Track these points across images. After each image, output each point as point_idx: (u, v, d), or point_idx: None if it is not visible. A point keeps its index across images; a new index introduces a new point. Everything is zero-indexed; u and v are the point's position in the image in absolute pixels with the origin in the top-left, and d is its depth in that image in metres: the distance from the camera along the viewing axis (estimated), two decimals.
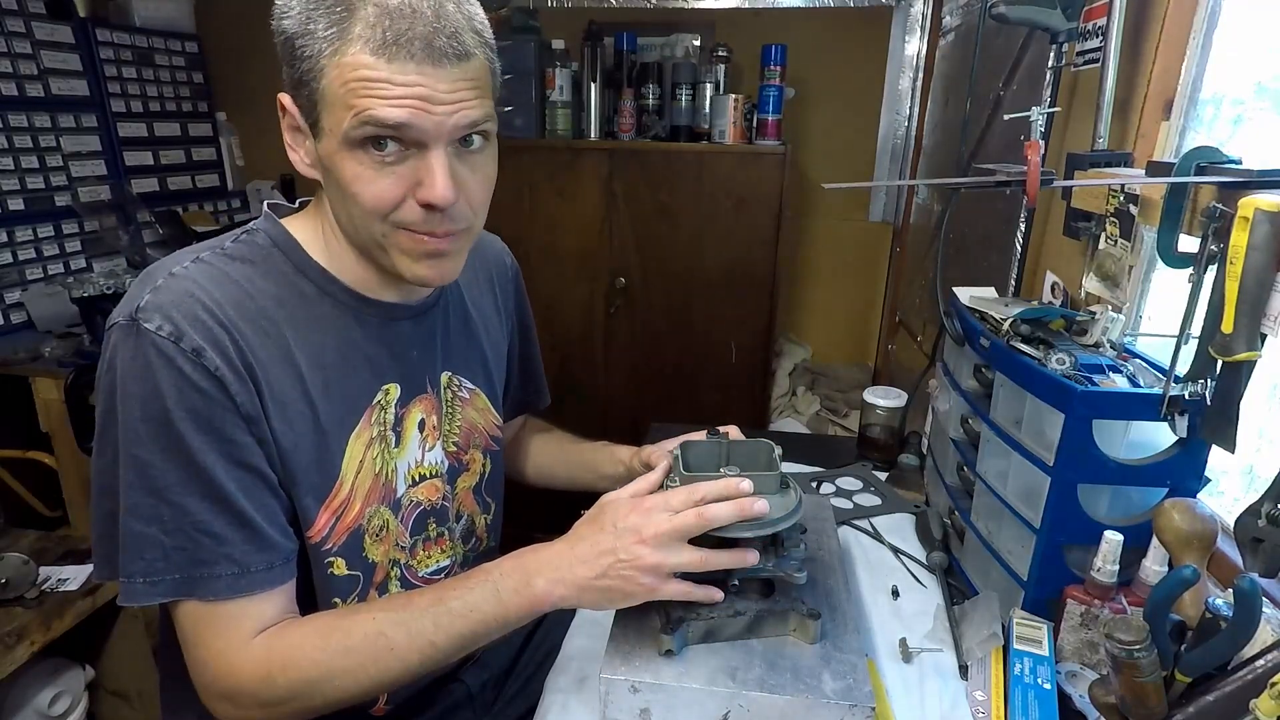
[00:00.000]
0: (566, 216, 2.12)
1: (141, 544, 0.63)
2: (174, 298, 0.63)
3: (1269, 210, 0.60)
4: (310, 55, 0.62)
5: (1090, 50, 1.06)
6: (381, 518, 0.77)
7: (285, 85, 0.66)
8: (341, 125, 0.62)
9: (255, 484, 0.66)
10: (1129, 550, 0.74)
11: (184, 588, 0.64)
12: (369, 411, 0.75)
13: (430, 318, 0.82)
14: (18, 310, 2.07)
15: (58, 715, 1.42)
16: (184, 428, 0.62)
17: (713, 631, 0.73)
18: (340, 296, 0.73)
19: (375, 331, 0.75)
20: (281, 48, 0.64)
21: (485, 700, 0.91)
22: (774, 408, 2.37)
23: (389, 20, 0.60)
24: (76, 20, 2.18)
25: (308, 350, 0.70)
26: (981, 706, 0.75)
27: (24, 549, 1.41)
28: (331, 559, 0.73)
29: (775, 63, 1.96)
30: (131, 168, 2.37)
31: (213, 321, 0.63)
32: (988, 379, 0.91)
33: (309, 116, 0.65)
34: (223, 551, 0.64)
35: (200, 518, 0.63)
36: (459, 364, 0.86)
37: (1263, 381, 0.86)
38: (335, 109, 0.62)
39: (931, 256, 1.88)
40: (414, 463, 0.80)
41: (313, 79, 0.62)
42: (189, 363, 0.61)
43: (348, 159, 0.63)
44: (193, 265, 0.66)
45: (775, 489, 0.79)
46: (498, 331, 0.94)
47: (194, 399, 0.62)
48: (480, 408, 0.90)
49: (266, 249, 0.71)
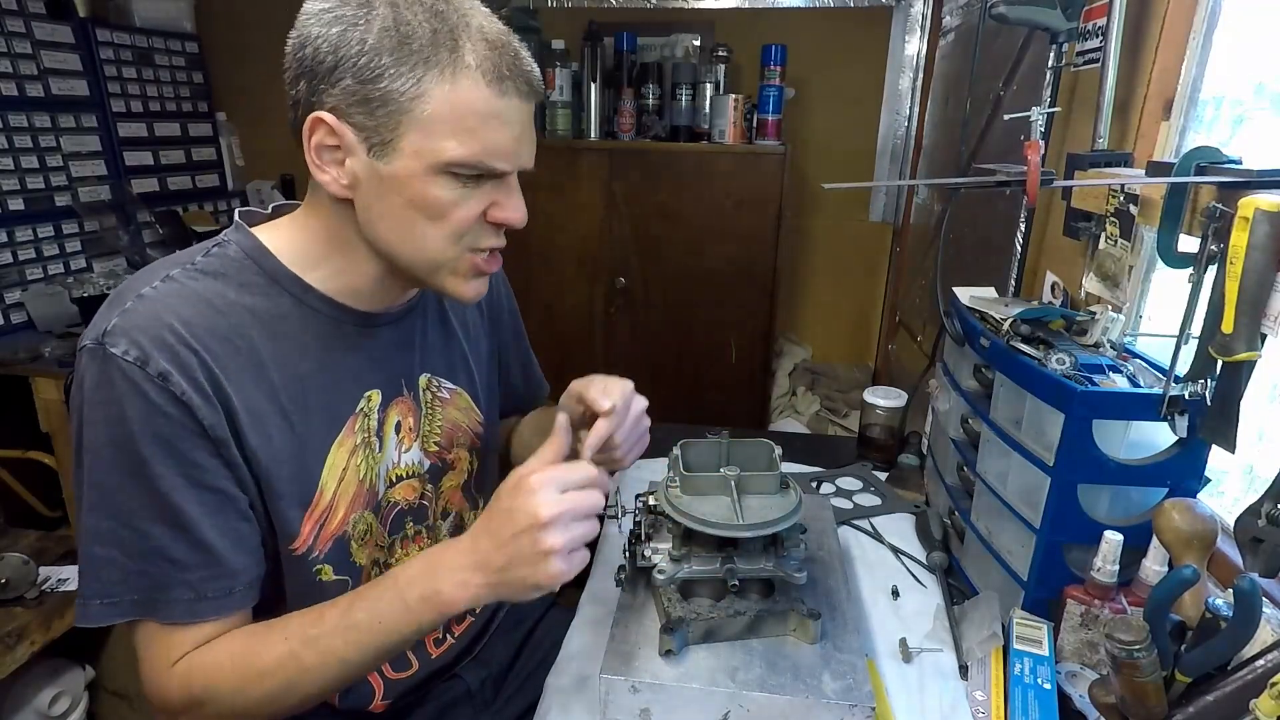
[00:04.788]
0: (566, 216, 2.12)
1: (100, 566, 0.63)
2: (141, 321, 0.62)
3: (1269, 210, 0.60)
4: (400, 74, 0.60)
5: (1090, 50, 1.06)
6: (365, 522, 0.77)
7: (322, 103, 0.63)
8: (442, 152, 0.63)
9: (221, 507, 0.65)
10: (1129, 550, 0.74)
11: (141, 608, 0.64)
12: (352, 420, 0.74)
13: (408, 321, 0.81)
14: (18, 310, 2.07)
15: (58, 715, 1.42)
16: (148, 453, 0.61)
17: (713, 631, 0.73)
18: (317, 306, 0.71)
19: (354, 340, 0.74)
20: (331, 64, 0.61)
21: (484, 698, 0.91)
22: (774, 408, 2.37)
23: (497, 54, 0.63)
24: (76, 20, 2.18)
25: (283, 362, 0.69)
26: (981, 706, 0.75)
27: (24, 549, 1.41)
28: (319, 566, 0.73)
29: (775, 63, 1.96)
30: (131, 168, 2.37)
31: (179, 344, 0.62)
32: (988, 379, 0.91)
33: (375, 136, 0.63)
34: (181, 577, 0.64)
35: (161, 543, 0.63)
36: (437, 365, 0.86)
37: (1263, 381, 0.86)
38: (435, 134, 0.62)
39: (931, 256, 1.88)
40: (391, 464, 0.80)
41: (402, 101, 0.61)
42: (154, 388, 0.61)
43: (432, 184, 0.64)
44: (162, 285, 0.65)
45: (775, 489, 0.79)
46: (478, 329, 0.94)
47: (160, 424, 0.61)
48: (462, 407, 0.89)
49: (239, 261, 0.69)
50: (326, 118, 0.63)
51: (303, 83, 0.63)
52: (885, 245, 2.51)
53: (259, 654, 0.65)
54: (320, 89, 0.62)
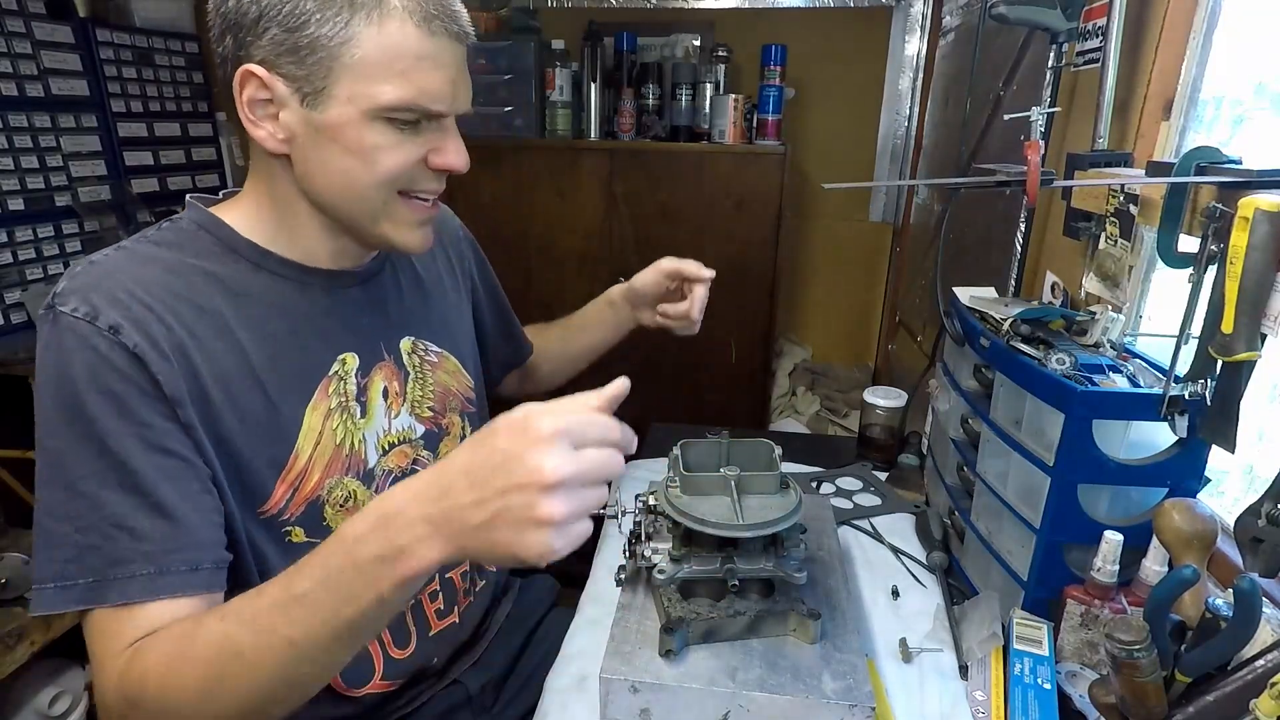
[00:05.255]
0: (566, 216, 2.12)
1: (53, 544, 0.58)
2: (92, 280, 0.61)
3: (1269, 210, 0.60)
4: (327, 20, 0.60)
5: (1090, 50, 1.06)
6: (346, 488, 0.75)
7: (250, 55, 0.62)
8: (376, 96, 0.62)
9: (181, 473, 0.60)
10: (1129, 550, 0.74)
11: (94, 593, 0.57)
12: (325, 382, 0.73)
13: (378, 283, 0.81)
14: (18, 310, 2.07)
15: (58, 715, 1.43)
16: (96, 410, 0.57)
17: (713, 631, 0.73)
18: (276, 269, 0.71)
19: (321, 302, 0.74)
20: (254, 15, 0.61)
21: (484, 702, 0.91)
22: (774, 408, 2.37)
23: None
24: (76, 20, 2.17)
25: (248, 324, 0.67)
26: (981, 706, 0.75)
27: (24, 549, 1.41)
28: (290, 528, 0.71)
29: (775, 63, 1.96)
30: (131, 168, 2.36)
31: (133, 301, 0.60)
32: (988, 379, 0.91)
33: (306, 85, 0.62)
34: (140, 549, 0.57)
35: (115, 510, 0.57)
36: (420, 328, 0.85)
37: (1263, 381, 0.86)
38: (367, 79, 0.62)
39: (931, 256, 1.88)
40: (382, 431, 0.79)
41: (331, 47, 0.61)
42: (104, 340, 0.58)
43: (367, 129, 0.63)
44: (115, 252, 0.65)
45: (775, 489, 0.79)
46: (455, 292, 0.94)
47: (109, 378, 0.58)
48: (451, 370, 0.89)
49: (192, 232, 0.69)
50: (256, 70, 0.62)
51: (229, 37, 0.63)
52: (885, 245, 2.51)
53: (192, 638, 0.55)
54: (247, 41, 0.62)
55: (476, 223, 2.24)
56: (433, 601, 0.86)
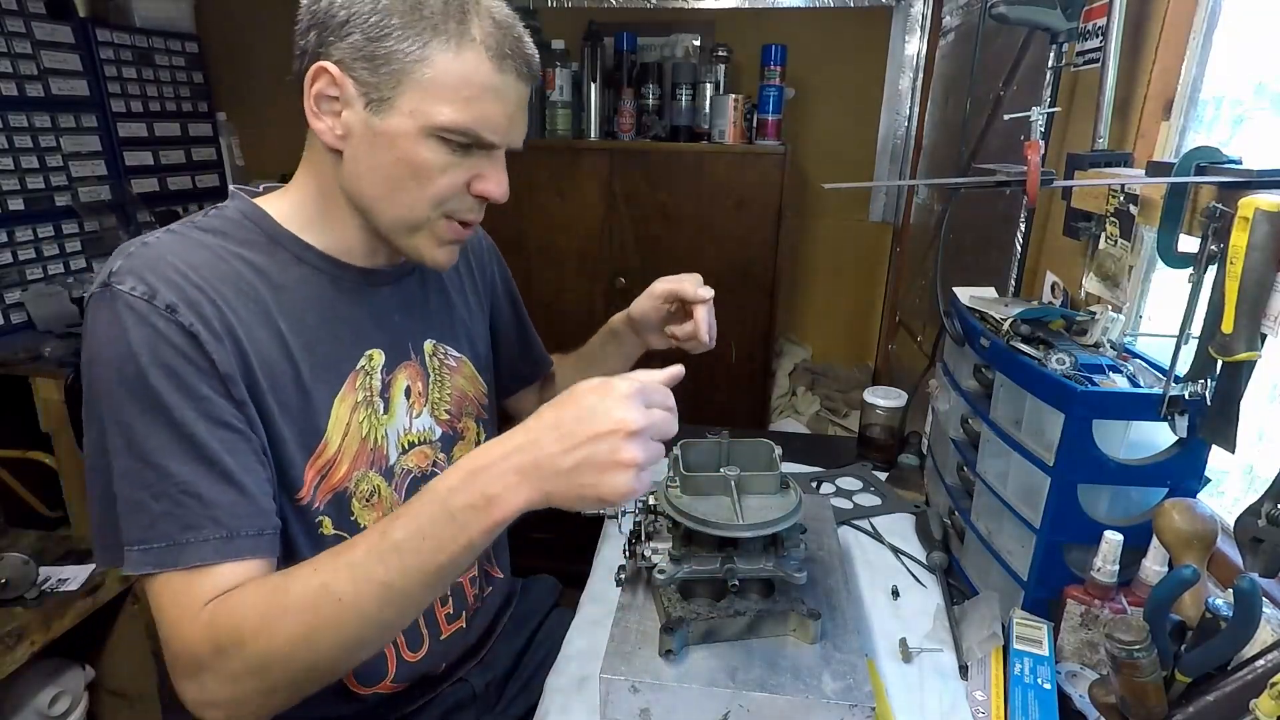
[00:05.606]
0: (566, 216, 2.12)
1: (135, 510, 0.61)
2: (148, 262, 0.63)
3: (1269, 210, 0.60)
4: (409, 36, 0.64)
5: (1090, 50, 1.06)
6: (371, 483, 0.77)
7: (329, 54, 0.65)
8: (436, 115, 0.65)
9: (238, 444, 0.64)
10: (1129, 550, 0.74)
11: (169, 556, 0.60)
12: (353, 376, 0.75)
13: (408, 284, 0.83)
14: (18, 310, 2.07)
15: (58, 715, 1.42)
16: (160, 385, 0.60)
17: (713, 631, 0.73)
18: (316, 262, 0.74)
19: (354, 296, 0.76)
20: (343, 19, 0.64)
21: (489, 700, 0.91)
22: (774, 408, 2.37)
23: (501, 33, 0.67)
24: (76, 20, 2.17)
25: (287, 312, 0.70)
26: (981, 706, 0.75)
27: (24, 549, 1.41)
28: (320, 518, 0.73)
29: (775, 63, 1.96)
30: (131, 168, 2.36)
31: (187, 283, 0.63)
32: (988, 379, 0.91)
33: (374, 92, 0.65)
34: (209, 514, 0.61)
35: (184, 479, 0.61)
36: (442, 332, 0.87)
37: (1263, 381, 0.86)
38: (432, 98, 0.65)
39: (931, 256, 1.88)
40: (403, 430, 0.81)
41: (406, 62, 0.64)
42: (162, 319, 0.61)
43: (423, 145, 0.67)
44: (165, 235, 0.67)
45: (775, 489, 0.79)
46: (475, 300, 0.96)
47: (168, 355, 0.61)
48: (468, 375, 0.91)
49: (237, 220, 0.72)
50: (330, 68, 0.65)
51: (313, 33, 0.66)
52: (885, 245, 2.51)
53: (287, 589, 0.59)
54: (329, 41, 0.65)
55: None
56: (443, 606, 0.86)
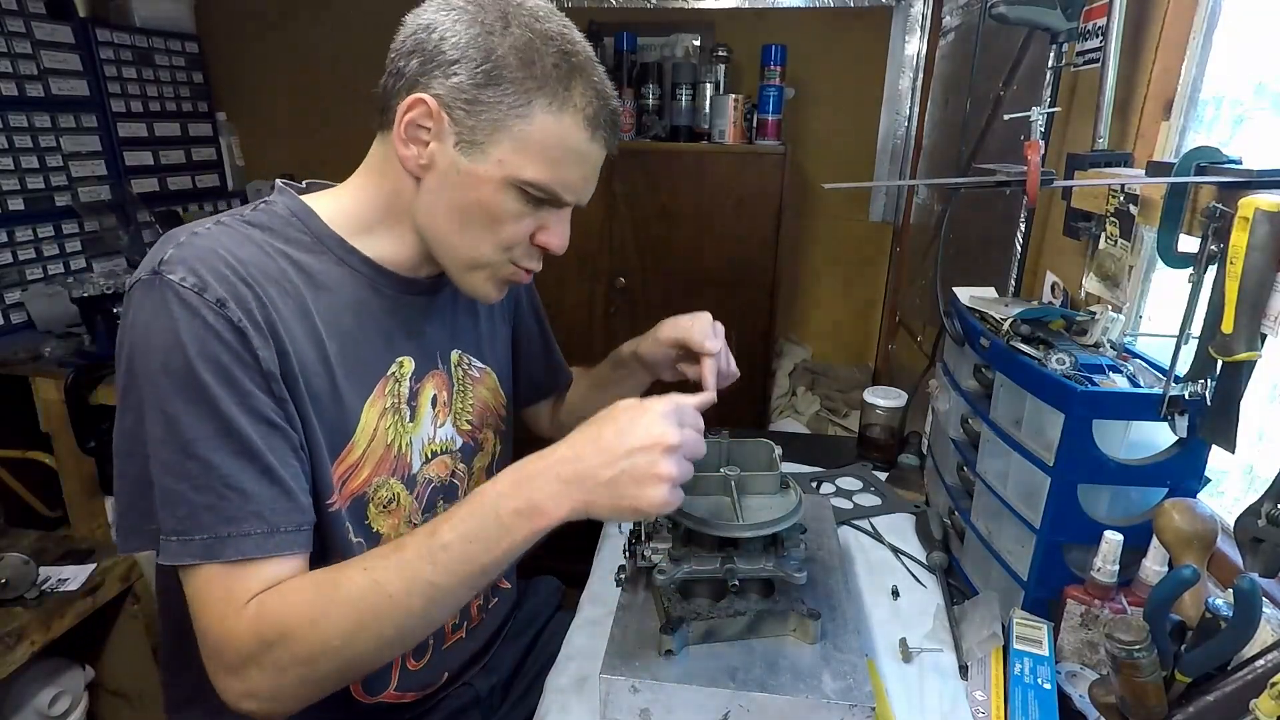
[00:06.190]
0: None
1: (174, 501, 0.61)
2: (198, 253, 0.63)
3: (1269, 210, 0.60)
4: (515, 91, 0.65)
5: (1090, 50, 1.06)
6: (391, 490, 0.77)
7: (429, 86, 0.66)
8: (523, 169, 0.67)
9: (279, 442, 0.64)
10: (1129, 550, 0.74)
11: (211, 549, 0.61)
12: (383, 382, 0.76)
13: (442, 295, 0.84)
14: (18, 310, 2.07)
15: (58, 715, 1.42)
16: (208, 378, 0.60)
17: (713, 631, 0.73)
18: (357, 266, 0.74)
19: (390, 303, 0.77)
20: (452, 57, 0.65)
21: (492, 703, 0.92)
22: (774, 408, 2.37)
23: (601, 101, 0.69)
24: (76, 20, 2.18)
25: (325, 313, 0.70)
26: (981, 706, 0.75)
27: (24, 549, 1.41)
28: (346, 524, 0.73)
29: (775, 63, 1.96)
30: (131, 168, 2.37)
31: (236, 278, 0.63)
32: (988, 379, 0.91)
33: (469, 134, 0.66)
34: (250, 509, 0.62)
35: (226, 472, 0.61)
36: (468, 343, 0.88)
37: (1263, 381, 0.86)
38: (523, 153, 0.67)
39: (931, 256, 1.88)
40: (427, 439, 0.81)
41: (506, 112, 0.65)
42: (212, 313, 0.61)
43: (503, 194, 0.69)
44: (214, 227, 0.68)
45: (775, 489, 0.79)
46: (500, 313, 0.96)
47: (216, 349, 0.61)
48: (491, 387, 0.92)
49: (285, 217, 0.72)
50: (429, 101, 0.66)
51: (415, 60, 0.67)
52: (885, 245, 2.51)
53: (337, 585, 0.61)
54: (433, 74, 0.66)
55: None
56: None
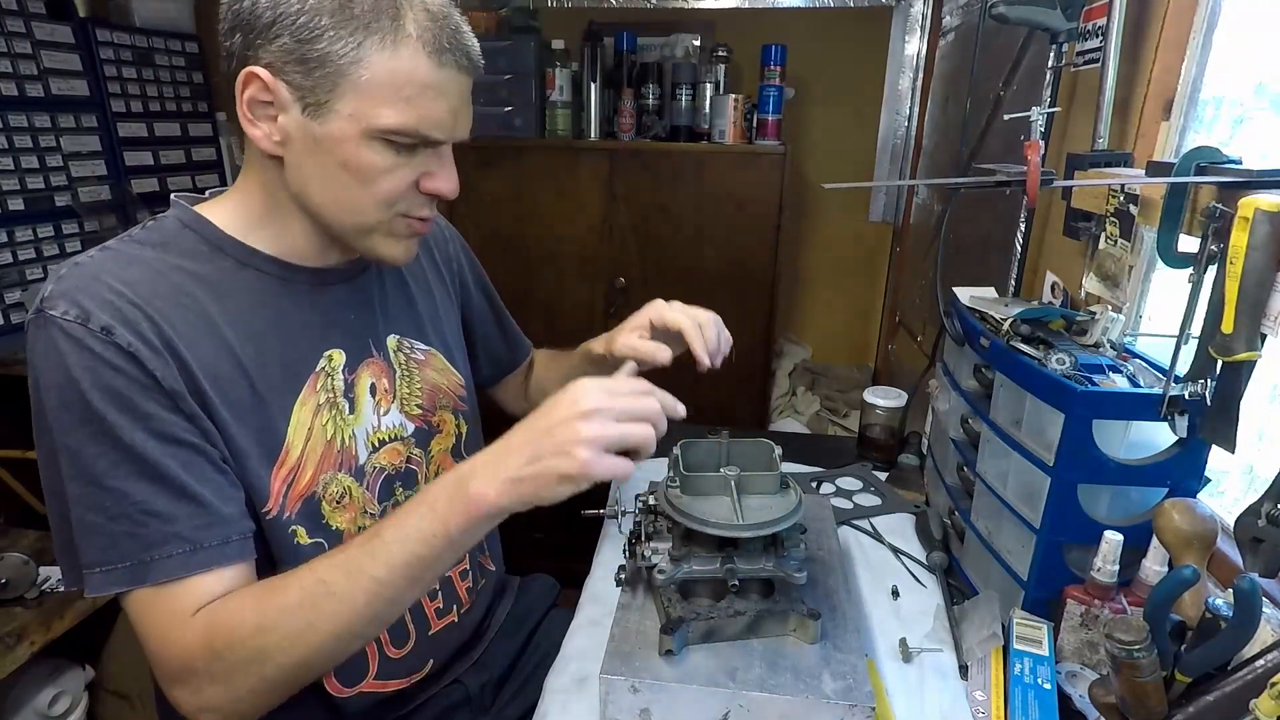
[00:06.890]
0: (566, 217, 2.12)
1: (90, 533, 0.61)
2: (79, 283, 0.62)
3: (1269, 210, 0.60)
4: (341, 37, 0.61)
5: (1090, 50, 1.05)
6: (340, 484, 0.76)
7: (257, 58, 0.63)
8: (377, 118, 0.63)
9: (193, 459, 0.63)
10: (1129, 550, 0.74)
11: (136, 574, 0.61)
12: (313, 378, 0.74)
13: (364, 281, 0.82)
14: (18, 310, 2.07)
15: (58, 715, 1.43)
16: (103, 408, 0.60)
17: (713, 631, 0.73)
18: (261, 265, 0.72)
19: (306, 298, 0.75)
20: (268, 20, 0.62)
21: (483, 702, 0.91)
22: (774, 408, 2.37)
23: (438, 25, 0.64)
24: (76, 20, 2.17)
25: (234, 321, 0.68)
26: (981, 706, 0.75)
27: (24, 549, 1.41)
28: (294, 528, 0.72)
29: (775, 63, 1.96)
30: (131, 168, 2.36)
31: (122, 301, 0.62)
32: (988, 379, 0.91)
33: (310, 96, 0.63)
34: (171, 530, 0.61)
35: (140, 498, 0.61)
36: (405, 326, 0.86)
37: (1263, 381, 0.86)
38: (371, 100, 0.63)
39: (931, 256, 1.88)
40: (371, 428, 0.80)
41: (340, 64, 0.62)
42: (99, 342, 0.60)
43: (366, 149, 0.65)
44: (99, 253, 0.66)
45: (775, 489, 0.79)
46: (441, 290, 0.94)
47: (108, 377, 0.60)
48: (439, 368, 0.90)
49: (176, 230, 0.70)
50: (261, 73, 0.63)
51: (238, 35, 0.64)
52: (885, 245, 2.51)
53: (284, 589, 0.62)
54: (256, 44, 0.63)
55: (477, 223, 2.23)
56: (432, 600, 0.85)
